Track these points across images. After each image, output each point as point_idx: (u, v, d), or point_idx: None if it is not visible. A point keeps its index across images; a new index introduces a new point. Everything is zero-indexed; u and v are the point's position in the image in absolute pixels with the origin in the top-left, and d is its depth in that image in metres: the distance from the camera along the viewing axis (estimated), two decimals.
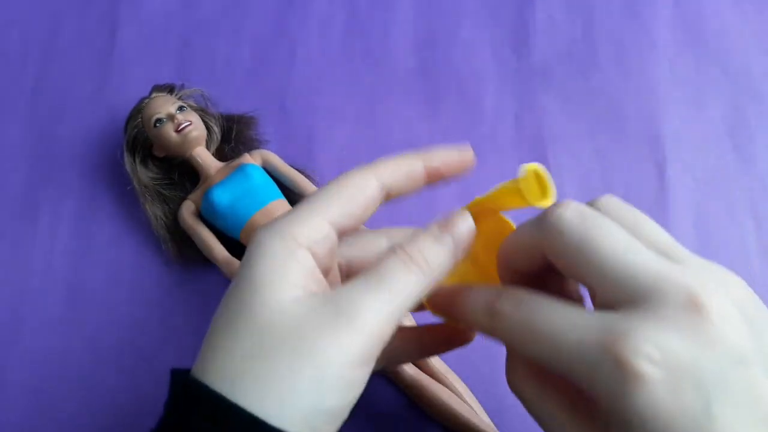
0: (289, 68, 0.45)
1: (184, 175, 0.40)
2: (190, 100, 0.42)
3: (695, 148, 0.42)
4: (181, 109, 0.39)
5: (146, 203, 0.39)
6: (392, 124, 0.43)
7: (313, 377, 0.19)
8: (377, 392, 0.35)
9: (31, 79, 0.45)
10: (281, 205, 0.37)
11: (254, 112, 0.42)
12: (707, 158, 0.42)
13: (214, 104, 0.42)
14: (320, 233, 0.21)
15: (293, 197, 0.39)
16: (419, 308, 0.24)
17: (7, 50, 0.46)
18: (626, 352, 0.17)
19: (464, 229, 0.22)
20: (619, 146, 0.42)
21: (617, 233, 0.20)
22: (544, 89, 0.44)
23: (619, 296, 0.19)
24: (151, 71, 0.44)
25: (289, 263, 0.20)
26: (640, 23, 0.46)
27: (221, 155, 0.41)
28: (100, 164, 0.42)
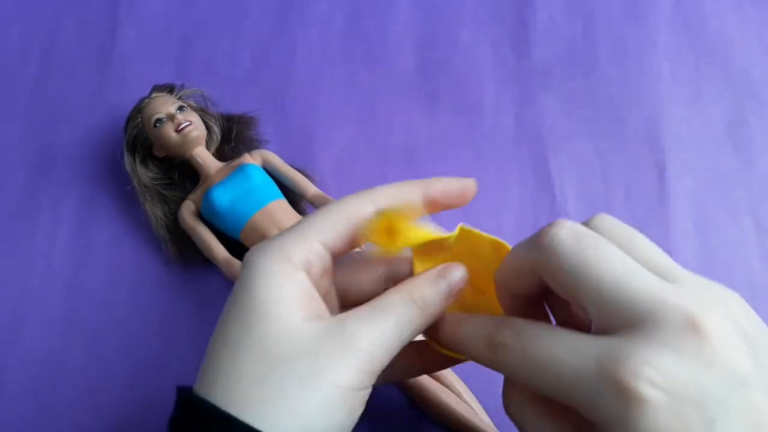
0: (289, 68, 0.45)
1: (184, 175, 0.40)
2: (190, 100, 0.42)
3: (695, 148, 0.42)
4: (181, 109, 0.39)
5: (146, 203, 0.39)
6: (392, 124, 0.43)
7: (319, 399, 0.20)
8: (377, 392, 0.35)
9: (31, 79, 0.45)
10: (281, 205, 0.37)
11: (254, 112, 0.42)
12: (707, 158, 0.42)
13: (214, 104, 0.42)
14: (313, 254, 0.22)
15: (293, 197, 0.39)
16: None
17: (7, 50, 0.46)
18: (627, 376, 0.17)
19: (457, 276, 0.24)
20: (619, 146, 0.42)
21: (613, 254, 0.20)
22: (544, 89, 0.44)
23: (617, 320, 0.19)
24: (151, 71, 0.44)
25: (286, 285, 0.21)
26: (640, 23, 0.46)
27: (221, 155, 0.41)
28: (100, 164, 0.42)
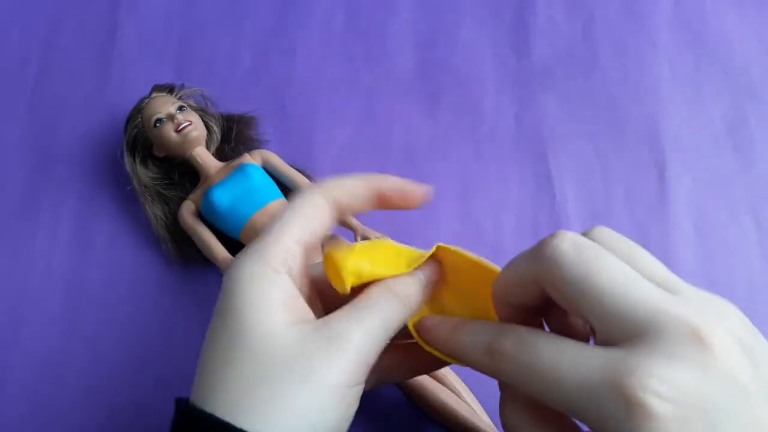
0: (289, 68, 0.45)
1: (184, 175, 0.40)
2: (190, 100, 0.42)
3: (695, 148, 0.42)
4: (181, 109, 0.39)
5: (146, 203, 0.39)
6: (392, 124, 0.43)
7: (314, 400, 0.20)
8: (377, 392, 0.35)
9: (31, 79, 0.45)
10: (281, 205, 0.37)
11: (254, 112, 0.42)
12: (707, 158, 0.42)
13: (214, 104, 0.42)
14: (290, 252, 0.23)
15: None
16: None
17: (7, 50, 0.46)
18: (634, 388, 0.17)
19: (433, 267, 0.25)
20: (619, 146, 0.42)
21: (615, 265, 0.20)
22: (544, 89, 0.44)
23: (620, 330, 0.19)
24: (151, 71, 0.44)
25: (270, 289, 0.22)
26: (640, 23, 0.46)
27: (221, 155, 0.41)
28: (100, 164, 0.42)
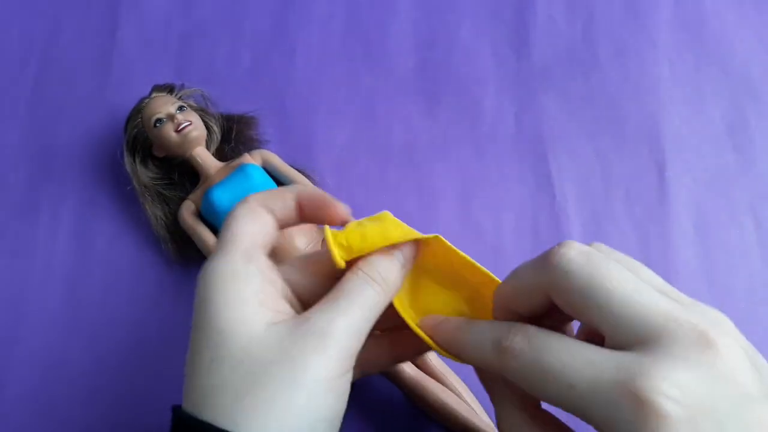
0: (289, 68, 0.45)
1: (184, 175, 0.40)
2: (190, 100, 0.42)
3: (695, 148, 0.42)
4: (181, 109, 0.39)
5: (146, 203, 0.39)
6: (392, 124, 0.43)
7: (305, 396, 0.20)
8: (378, 392, 0.35)
9: (31, 79, 0.45)
10: None
11: (254, 112, 0.42)
12: (707, 158, 0.42)
13: (214, 104, 0.42)
14: (254, 252, 0.23)
15: None
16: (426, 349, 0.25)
17: (7, 50, 0.46)
18: (646, 391, 0.17)
19: (409, 246, 0.25)
20: (619, 146, 0.42)
21: (623, 273, 0.20)
22: (544, 89, 0.44)
23: (631, 336, 0.19)
24: (151, 71, 0.44)
25: (245, 289, 0.22)
26: (640, 23, 0.46)
27: (221, 155, 0.41)
28: (100, 164, 0.42)
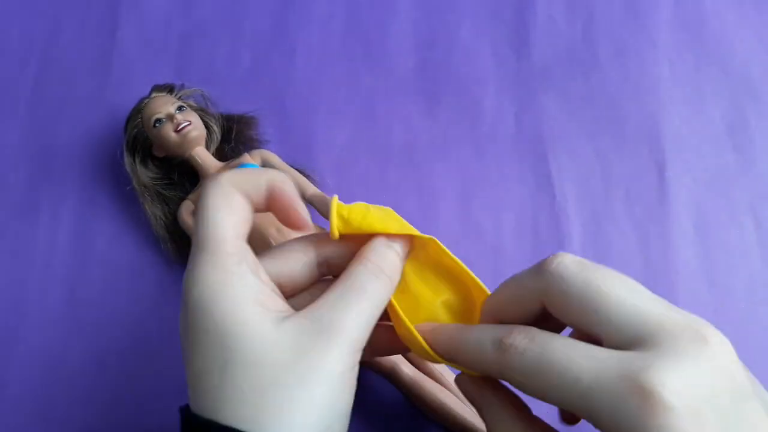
0: (289, 68, 0.45)
1: (184, 175, 0.40)
2: (190, 100, 0.42)
3: (695, 148, 0.42)
4: (180, 109, 0.39)
5: (146, 203, 0.39)
6: (392, 124, 0.43)
7: (321, 394, 0.21)
8: (377, 392, 0.35)
9: (31, 79, 0.45)
10: None
11: (254, 112, 0.42)
12: (707, 158, 0.42)
13: (214, 104, 0.42)
14: (239, 247, 0.23)
15: None
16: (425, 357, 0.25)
17: (7, 50, 0.46)
18: (651, 385, 0.17)
19: (405, 241, 0.25)
20: (619, 146, 0.42)
21: (617, 277, 0.21)
22: (544, 89, 0.44)
23: (629, 336, 0.19)
24: (151, 71, 0.44)
25: (242, 292, 0.22)
26: (640, 23, 0.46)
27: (221, 155, 0.41)
28: (100, 164, 0.42)
